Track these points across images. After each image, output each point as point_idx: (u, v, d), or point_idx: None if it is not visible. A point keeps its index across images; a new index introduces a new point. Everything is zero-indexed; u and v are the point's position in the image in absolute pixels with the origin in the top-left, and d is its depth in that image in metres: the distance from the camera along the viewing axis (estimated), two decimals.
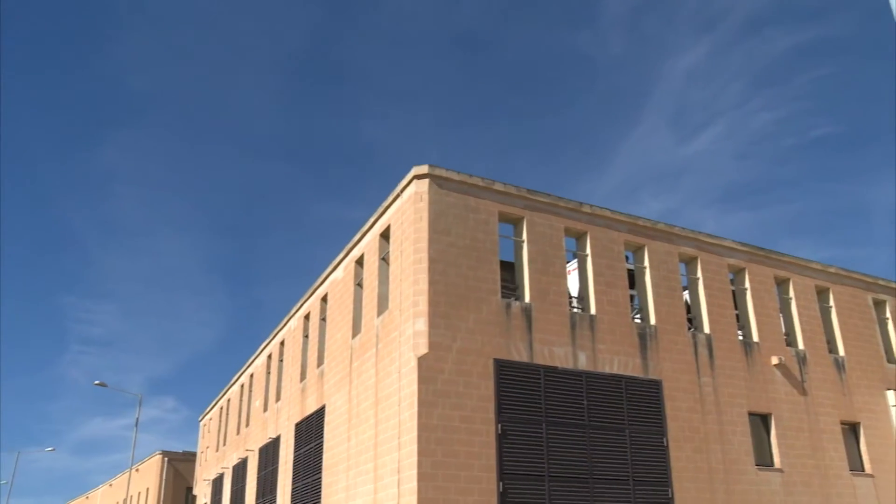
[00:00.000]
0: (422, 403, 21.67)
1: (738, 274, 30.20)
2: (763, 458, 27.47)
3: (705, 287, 28.60)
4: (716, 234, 29.70)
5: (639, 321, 27.04)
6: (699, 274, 28.74)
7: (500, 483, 22.03)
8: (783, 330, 30.30)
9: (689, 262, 29.05)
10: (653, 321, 26.75)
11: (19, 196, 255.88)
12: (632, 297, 27.69)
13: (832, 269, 32.55)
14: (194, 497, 28.94)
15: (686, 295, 29.10)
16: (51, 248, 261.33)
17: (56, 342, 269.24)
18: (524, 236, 25.26)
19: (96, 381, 48.89)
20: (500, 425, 22.57)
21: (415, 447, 21.29)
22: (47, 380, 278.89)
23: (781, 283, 31.25)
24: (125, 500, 52.77)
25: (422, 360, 22.11)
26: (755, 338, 29.04)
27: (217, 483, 50.10)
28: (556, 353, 24.25)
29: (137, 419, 49.77)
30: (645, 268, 27.51)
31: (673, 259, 28.17)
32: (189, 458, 69.17)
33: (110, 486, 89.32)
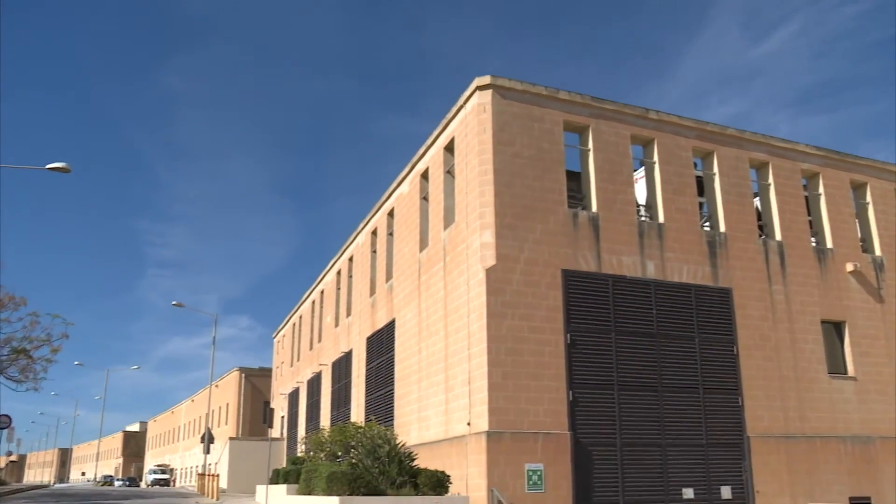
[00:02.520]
0: (491, 315, 21.87)
1: (811, 179, 29.36)
2: (836, 367, 27.16)
3: (777, 193, 27.92)
4: (789, 139, 28.88)
5: (708, 229, 26.64)
6: (771, 180, 28.03)
7: (570, 392, 22.27)
8: (859, 236, 29.52)
9: (761, 168, 28.32)
10: (722, 229, 26.32)
11: (87, 124, 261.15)
12: (701, 204, 27.20)
13: None
14: (272, 410, 29.92)
15: (757, 201, 28.47)
16: (121, 175, 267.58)
17: (133, 266, 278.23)
18: (590, 145, 24.89)
19: (174, 302, 50.33)
20: (568, 335, 22.70)
21: (485, 358, 21.59)
22: (128, 302, 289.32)
23: (858, 188, 30.32)
24: (207, 415, 54.96)
25: (490, 272, 22.22)
26: (829, 244, 28.39)
27: (293, 396, 51.71)
28: (625, 262, 24.12)
29: (214, 338, 51.34)
30: (714, 174, 26.94)
31: (743, 165, 27.49)
32: (265, 373, 71.46)
33: (192, 401, 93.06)
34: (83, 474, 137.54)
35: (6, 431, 43.11)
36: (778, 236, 27.42)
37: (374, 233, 35.25)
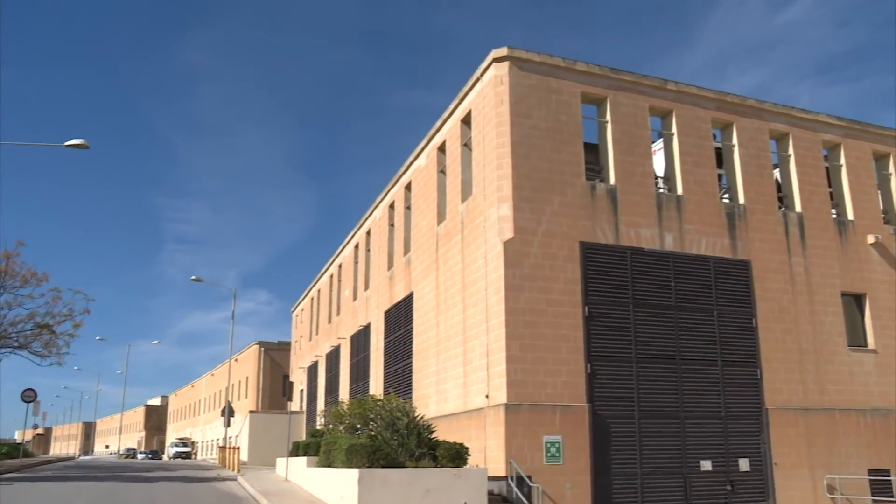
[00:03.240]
0: (508, 287, 21.88)
1: (832, 150, 29.05)
2: (856, 339, 26.99)
3: (797, 164, 27.66)
4: (810, 109, 28.52)
5: (727, 201, 26.45)
6: (791, 151, 27.76)
7: (588, 364, 22.29)
8: (881, 207, 29.21)
9: (781, 139, 28.05)
10: (742, 200, 26.13)
11: (104, 99, 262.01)
12: (720, 176, 27.01)
13: None
14: (291, 384, 30.11)
15: (777, 173, 28.22)
16: (138, 150, 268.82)
17: (152, 241, 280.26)
18: (608, 116, 24.73)
19: (193, 277, 50.51)
20: (587, 308, 22.68)
21: (503, 331, 21.63)
22: (148, 278, 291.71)
23: (880, 159, 29.96)
24: (227, 389, 55.33)
25: (507, 245, 22.20)
26: (850, 216, 28.13)
27: (312, 370, 52.07)
28: (643, 234, 24.03)
29: (233, 312, 51.54)
30: (733, 146, 26.71)
31: (763, 136, 27.23)
32: (284, 347, 71.90)
33: (212, 375, 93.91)
34: (107, 447, 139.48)
35: (32, 405, 43.67)
36: (798, 208, 27.21)
37: (392, 206, 35.25)
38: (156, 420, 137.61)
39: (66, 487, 25.61)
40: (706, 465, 23.23)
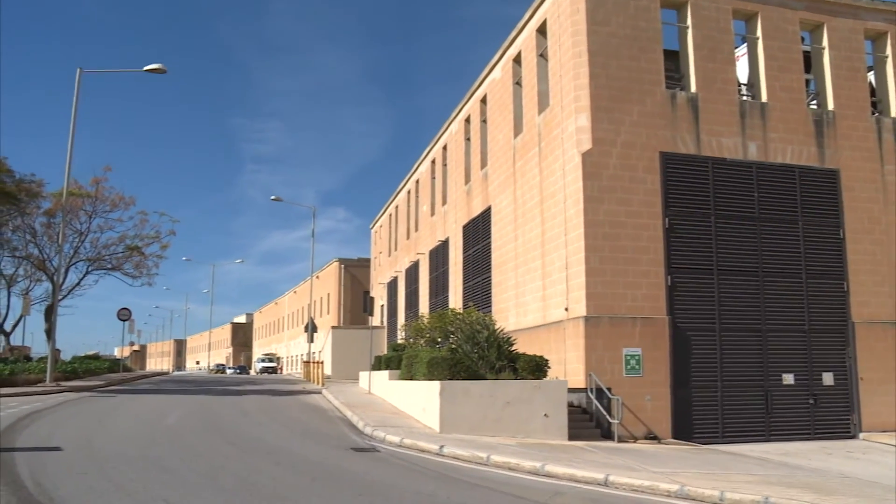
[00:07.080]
0: (587, 199, 21.66)
1: None
2: None
3: None
4: None
5: (815, 107, 25.39)
6: (889, 51, 26.33)
7: (669, 277, 22.07)
8: None
9: (877, 39, 26.61)
10: (831, 107, 25.07)
11: (176, 22, 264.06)
12: (808, 81, 25.89)
13: None
14: (372, 299, 30.67)
15: (871, 76, 26.89)
16: (214, 73, 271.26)
17: (232, 162, 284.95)
18: (688, 21, 23.82)
19: (272, 197, 51.43)
20: (667, 219, 22.33)
21: (582, 243, 21.51)
22: (229, 198, 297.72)
23: None
24: (309, 305, 56.67)
25: (586, 156, 21.88)
26: None
27: (392, 286, 52.84)
28: (725, 143, 23.36)
29: (313, 230, 52.36)
30: (823, 48, 25.49)
31: (857, 37, 25.87)
32: (363, 264, 72.95)
33: (294, 292, 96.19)
34: (197, 363, 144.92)
35: (127, 323, 45.65)
36: (893, 113, 25.96)
37: (468, 120, 34.97)
38: (242, 337, 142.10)
39: (165, 399, 26.86)
40: (788, 379, 22.98)
